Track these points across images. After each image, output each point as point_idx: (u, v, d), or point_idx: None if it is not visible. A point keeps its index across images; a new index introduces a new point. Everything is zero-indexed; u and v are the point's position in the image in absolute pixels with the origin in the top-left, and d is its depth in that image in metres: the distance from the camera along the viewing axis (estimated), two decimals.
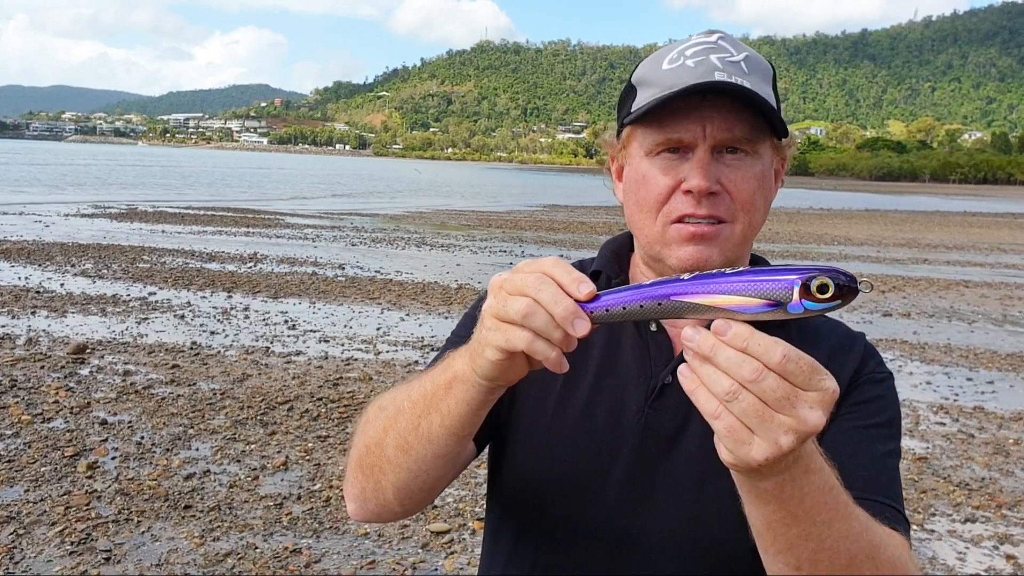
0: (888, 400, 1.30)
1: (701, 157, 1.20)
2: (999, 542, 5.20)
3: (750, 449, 0.86)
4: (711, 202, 1.21)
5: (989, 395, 8.57)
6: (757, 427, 0.85)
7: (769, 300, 0.86)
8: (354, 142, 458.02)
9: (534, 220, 31.32)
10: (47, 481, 5.36)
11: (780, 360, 0.84)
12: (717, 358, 0.85)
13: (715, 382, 0.86)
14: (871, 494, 1.15)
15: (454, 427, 1.11)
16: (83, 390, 7.24)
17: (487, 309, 1.00)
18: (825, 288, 0.85)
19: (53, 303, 10.93)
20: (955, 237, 30.46)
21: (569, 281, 0.95)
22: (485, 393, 1.07)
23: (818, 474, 0.95)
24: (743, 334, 0.85)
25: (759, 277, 0.87)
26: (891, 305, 13.94)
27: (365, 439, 1.23)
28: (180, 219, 24.72)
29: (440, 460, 1.16)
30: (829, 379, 0.86)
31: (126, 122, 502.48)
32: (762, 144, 1.24)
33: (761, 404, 0.84)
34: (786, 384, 0.84)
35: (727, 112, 1.20)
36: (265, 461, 5.89)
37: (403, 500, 1.22)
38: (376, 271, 15.54)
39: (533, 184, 78.65)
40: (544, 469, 1.31)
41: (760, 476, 0.92)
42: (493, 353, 0.99)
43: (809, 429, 0.85)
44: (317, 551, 4.67)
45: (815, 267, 0.86)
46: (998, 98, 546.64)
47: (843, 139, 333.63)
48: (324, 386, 7.68)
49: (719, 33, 1.27)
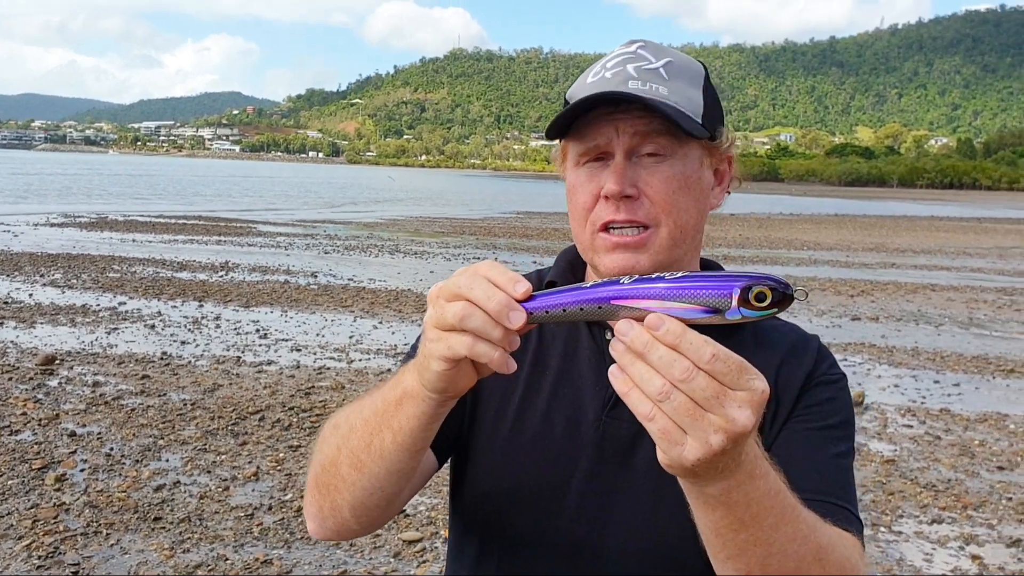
0: (841, 402, 1.31)
1: (617, 161, 1.23)
2: (965, 543, 5.27)
3: (683, 450, 0.86)
4: (629, 206, 1.23)
5: (955, 397, 8.68)
6: (688, 427, 0.86)
7: (707, 306, 0.87)
8: (327, 149, 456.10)
9: (507, 227, 31.37)
10: (14, 494, 5.30)
11: (709, 359, 0.85)
12: (650, 355, 0.86)
13: (648, 381, 0.86)
14: (823, 495, 1.16)
15: (406, 443, 1.12)
16: (52, 401, 7.17)
17: (427, 320, 1.01)
18: (763, 296, 0.87)
19: (21, 314, 10.82)
20: (922, 241, 30.82)
21: (504, 281, 0.96)
22: (435, 406, 1.07)
23: (763, 479, 0.96)
24: (676, 331, 0.86)
25: (698, 283, 0.88)
26: (860, 309, 14.09)
27: (320, 458, 1.24)
28: (151, 228, 24.54)
29: (394, 476, 1.17)
30: (759, 379, 0.87)
31: (97, 130, 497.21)
32: (684, 146, 1.25)
33: (692, 403, 0.85)
34: (715, 383, 0.85)
35: (637, 117, 1.22)
36: (236, 472, 5.86)
37: (360, 518, 1.22)
38: (349, 279, 15.51)
39: (506, 191, 78.80)
40: (504, 481, 1.32)
41: (702, 480, 0.93)
42: (438, 364, 1.00)
43: (738, 429, 0.85)
44: (288, 562, 4.65)
45: (753, 275, 0.88)
46: (963, 105, 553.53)
47: (812, 145, 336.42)
48: (296, 395, 7.66)
49: (640, 42, 1.30)
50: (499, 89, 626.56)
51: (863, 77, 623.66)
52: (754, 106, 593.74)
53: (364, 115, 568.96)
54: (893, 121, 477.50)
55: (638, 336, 0.87)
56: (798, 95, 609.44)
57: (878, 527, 5.43)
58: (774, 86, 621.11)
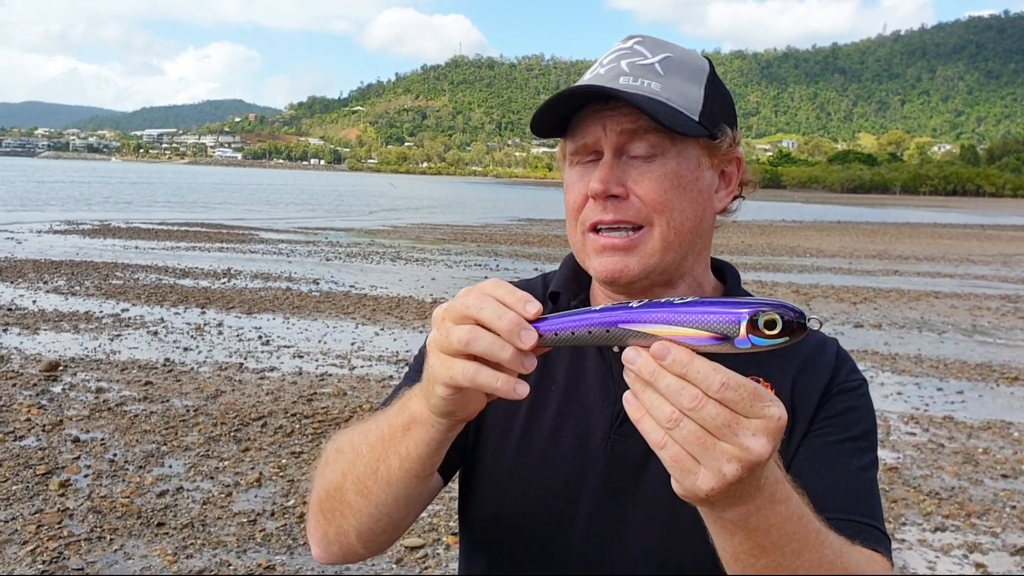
0: (863, 410, 1.27)
1: (605, 160, 1.20)
2: (968, 551, 5.26)
3: (696, 479, 0.84)
4: (617, 206, 1.19)
5: (959, 405, 8.67)
6: (700, 456, 0.83)
7: (716, 334, 0.84)
8: (329, 157, 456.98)
9: (509, 234, 31.37)
10: (18, 500, 5.31)
11: (719, 388, 0.82)
12: (658, 384, 0.84)
13: (657, 408, 0.84)
14: (848, 514, 1.13)
15: (414, 469, 1.09)
16: (55, 407, 7.18)
17: (431, 343, 0.97)
18: (773, 324, 0.84)
19: (25, 320, 10.83)
20: (925, 249, 30.80)
21: (514, 301, 0.92)
22: (444, 431, 1.04)
23: (785, 504, 0.93)
24: (682, 360, 0.83)
25: (707, 309, 0.85)
26: (863, 316, 14.08)
27: (324, 483, 1.20)
28: (153, 235, 24.57)
29: (401, 502, 1.14)
30: (774, 406, 0.84)
31: (99, 138, 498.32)
32: (678, 144, 1.20)
33: (703, 432, 0.83)
34: (727, 412, 0.82)
35: (625, 115, 1.19)
36: (239, 478, 5.87)
37: (367, 543, 1.20)
38: (351, 286, 15.51)
39: (508, 198, 78.85)
40: (512, 500, 1.29)
41: (720, 507, 0.90)
42: (442, 390, 0.96)
43: (753, 458, 0.83)
44: (291, 567, 4.65)
45: (764, 302, 0.85)
46: (966, 111, 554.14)
47: (815, 152, 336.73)
48: (298, 402, 7.66)
49: (638, 37, 1.27)
50: (500, 96, 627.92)
51: (866, 83, 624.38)
52: (756, 113, 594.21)
53: (366, 122, 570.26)
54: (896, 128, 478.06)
55: (645, 365, 0.85)
56: (800, 102, 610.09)
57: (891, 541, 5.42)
58: (776, 93, 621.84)
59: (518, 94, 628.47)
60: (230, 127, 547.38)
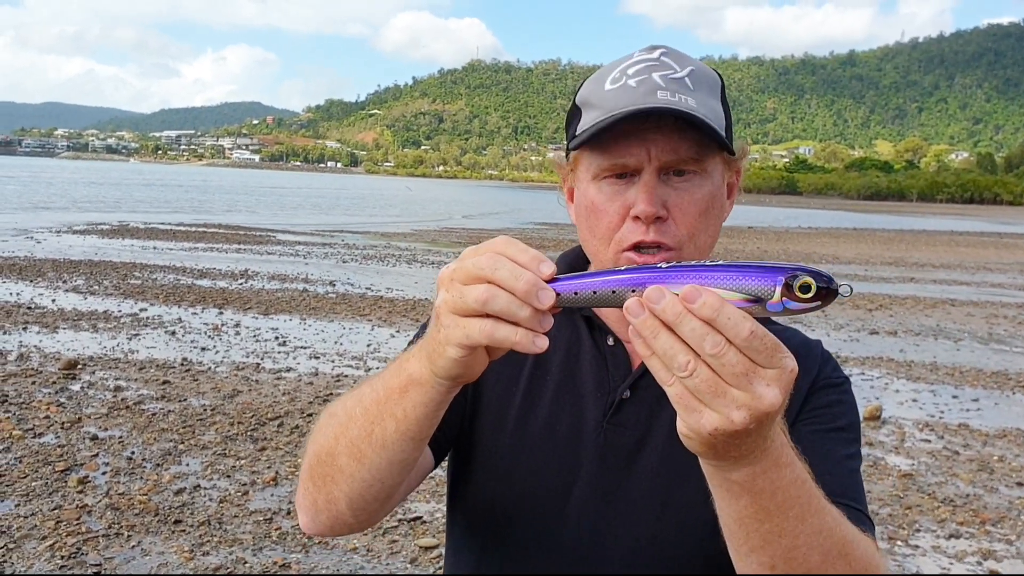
0: (847, 404, 1.29)
1: (647, 181, 1.18)
2: (983, 558, 5.25)
3: (700, 417, 0.83)
4: (659, 228, 1.19)
5: (974, 412, 8.64)
6: (710, 401, 0.82)
7: (749, 294, 0.83)
8: (345, 160, 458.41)
9: (524, 238, 31.16)
10: (38, 495, 5.37)
11: (747, 336, 0.81)
12: (681, 327, 0.82)
13: (672, 357, 0.82)
14: (837, 496, 1.12)
15: (410, 431, 1.06)
16: (74, 405, 7.25)
17: (441, 304, 0.94)
18: (807, 288, 0.83)
19: (44, 319, 10.93)
20: (942, 256, 30.64)
21: (527, 260, 0.91)
22: (444, 393, 1.02)
23: (790, 468, 0.93)
24: (714, 304, 0.81)
25: (741, 271, 0.84)
26: (878, 323, 14.04)
27: (316, 449, 1.17)
28: (171, 236, 24.72)
29: (396, 467, 1.11)
30: (789, 358, 0.83)
31: (118, 139, 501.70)
32: (710, 162, 1.22)
33: (716, 378, 0.81)
34: (746, 360, 0.81)
35: (671, 133, 1.17)
36: (255, 476, 5.91)
37: (357, 511, 1.16)
38: (367, 288, 15.58)
39: (523, 202, 78.80)
40: (505, 487, 1.30)
41: (726, 464, 0.90)
42: (455, 351, 0.94)
43: (765, 407, 0.82)
44: (306, 566, 4.69)
45: (797, 266, 0.84)
46: (984, 119, 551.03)
47: (831, 159, 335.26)
48: (314, 402, 7.71)
49: (662, 48, 1.25)
50: (517, 100, 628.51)
51: (883, 91, 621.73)
52: (773, 119, 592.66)
53: (382, 125, 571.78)
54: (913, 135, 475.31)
55: (670, 306, 0.82)
56: (817, 108, 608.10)
57: (895, 541, 5.42)
58: (793, 99, 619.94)
59: (535, 98, 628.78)
60: (248, 129, 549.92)
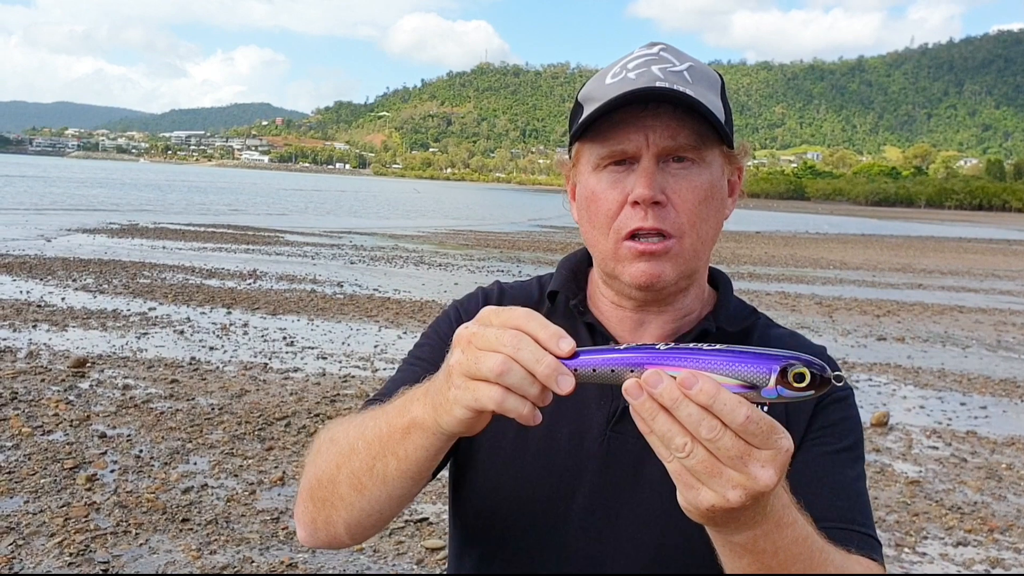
0: (853, 420, 1.30)
1: (646, 167, 1.19)
2: (991, 566, 5.24)
3: (697, 494, 0.86)
4: (658, 214, 1.19)
5: (982, 420, 8.61)
6: (707, 480, 0.84)
7: (745, 381, 0.85)
8: (354, 161, 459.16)
9: (531, 240, 31.41)
10: (46, 493, 5.39)
11: (743, 421, 0.82)
12: (678, 411, 0.83)
13: (670, 439, 0.84)
14: (846, 523, 1.16)
15: (411, 471, 1.08)
16: (83, 403, 7.27)
17: (455, 365, 0.96)
18: (801, 377, 0.85)
19: (54, 317, 10.97)
20: (950, 263, 30.55)
21: (547, 337, 0.91)
22: (444, 441, 1.04)
23: (791, 527, 0.95)
24: (710, 391, 0.83)
25: (738, 358, 0.86)
26: (885, 329, 14.01)
27: (316, 472, 1.19)
28: (180, 235, 24.79)
29: (395, 501, 1.13)
30: (785, 438, 0.85)
31: (128, 139, 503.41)
32: (709, 152, 1.23)
33: (712, 460, 0.84)
34: (742, 443, 0.83)
35: (669, 120, 1.18)
36: (262, 476, 5.93)
37: (354, 534, 1.20)
38: (375, 289, 15.60)
39: (531, 205, 78.85)
40: (506, 495, 1.29)
41: (728, 531, 0.92)
42: (462, 412, 0.96)
43: (760, 487, 0.84)
44: (313, 565, 4.70)
45: (792, 355, 0.86)
46: (993, 125, 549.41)
47: (839, 164, 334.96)
48: (321, 402, 7.73)
49: (661, 44, 1.26)
50: (525, 103, 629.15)
51: (892, 97, 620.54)
52: (781, 124, 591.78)
53: (391, 127, 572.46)
54: (922, 141, 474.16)
55: (668, 391, 0.84)
56: (826, 114, 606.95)
57: (902, 548, 5.41)
58: (802, 104, 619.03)
59: (543, 102, 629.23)
60: (257, 130, 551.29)
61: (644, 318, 1.32)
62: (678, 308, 1.31)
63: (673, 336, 1.31)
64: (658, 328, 1.32)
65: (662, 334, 1.32)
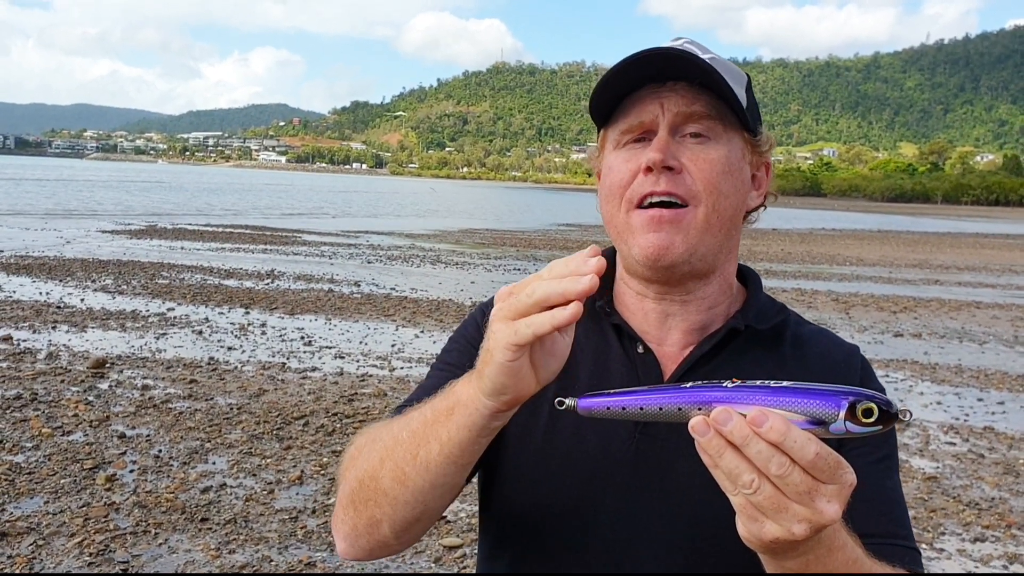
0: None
1: (660, 136, 1.20)
2: (1009, 561, 5.22)
3: (762, 527, 0.87)
4: (670, 178, 1.19)
5: (999, 416, 8.57)
6: (773, 515, 0.86)
7: (812, 417, 0.86)
8: (371, 161, 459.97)
9: (548, 239, 31.41)
10: (66, 493, 5.45)
11: (812, 458, 0.83)
12: (748, 449, 0.85)
13: (738, 475, 0.86)
14: (891, 538, 1.17)
15: (454, 454, 1.09)
16: (102, 404, 7.34)
17: (495, 315, 1.00)
18: (870, 412, 0.85)
19: (73, 318, 11.07)
20: (967, 258, 30.37)
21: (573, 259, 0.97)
22: (488, 416, 1.04)
23: (842, 551, 0.96)
24: (780, 429, 0.84)
25: (805, 394, 0.87)
26: (902, 325, 13.94)
27: (358, 472, 1.19)
28: (199, 236, 24.92)
29: (438, 491, 1.13)
30: (850, 473, 0.86)
31: (146, 140, 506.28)
32: (727, 129, 1.23)
33: (779, 495, 0.85)
34: (810, 479, 0.84)
35: (685, 92, 1.20)
36: (281, 475, 5.97)
37: (399, 533, 1.19)
38: (391, 288, 15.65)
39: (547, 203, 78.88)
40: (535, 498, 1.28)
41: (781, 556, 0.93)
42: (503, 354, 0.98)
43: (825, 521, 0.85)
44: (331, 564, 4.73)
45: (858, 391, 0.87)
46: (1010, 121, 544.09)
47: (856, 160, 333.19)
48: (339, 402, 7.77)
49: (685, 39, 1.28)
50: (541, 102, 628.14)
51: (908, 93, 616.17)
52: (797, 121, 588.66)
53: (407, 127, 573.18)
54: (938, 137, 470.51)
55: (738, 428, 0.85)
56: (842, 110, 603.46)
57: (920, 544, 5.37)
58: (818, 101, 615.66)
59: (559, 100, 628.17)
60: (274, 131, 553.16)
61: (668, 309, 1.29)
62: (701, 299, 1.29)
63: (700, 332, 1.30)
64: (683, 322, 1.30)
65: (688, 327, 1.30)
